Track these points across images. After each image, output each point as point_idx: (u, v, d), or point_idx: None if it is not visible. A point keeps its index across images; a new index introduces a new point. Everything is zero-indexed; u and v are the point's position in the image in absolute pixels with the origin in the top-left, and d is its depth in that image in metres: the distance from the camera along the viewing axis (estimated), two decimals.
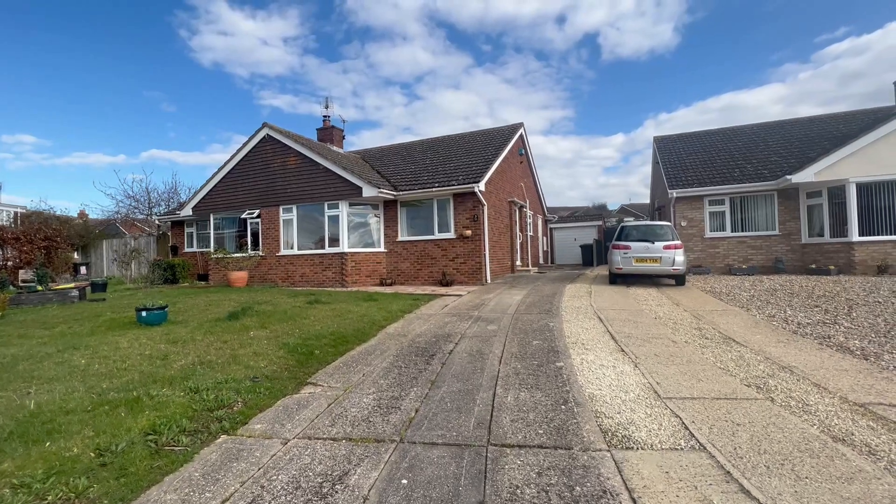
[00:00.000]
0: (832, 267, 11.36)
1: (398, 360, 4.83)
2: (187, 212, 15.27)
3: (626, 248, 10.30)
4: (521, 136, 16.70)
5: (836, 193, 11.74)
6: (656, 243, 10.07)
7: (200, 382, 4.00)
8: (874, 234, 11.14)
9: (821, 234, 12.20)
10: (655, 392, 3.62)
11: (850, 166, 11.30)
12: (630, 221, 11.37)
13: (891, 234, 10.99)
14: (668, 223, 10.67)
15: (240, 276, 12.92)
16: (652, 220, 19.81)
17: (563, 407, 3.39)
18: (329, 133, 16.54)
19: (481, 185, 11.80)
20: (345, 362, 4.85)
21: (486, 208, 12.29)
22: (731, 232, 13.44)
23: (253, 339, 5.75)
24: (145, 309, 6.83)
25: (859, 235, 11.17)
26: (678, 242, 10.02)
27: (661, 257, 9.95)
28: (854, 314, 6.11)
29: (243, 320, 6.93)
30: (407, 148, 17.43)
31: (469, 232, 11.96)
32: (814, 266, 11.88)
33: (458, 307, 8.18)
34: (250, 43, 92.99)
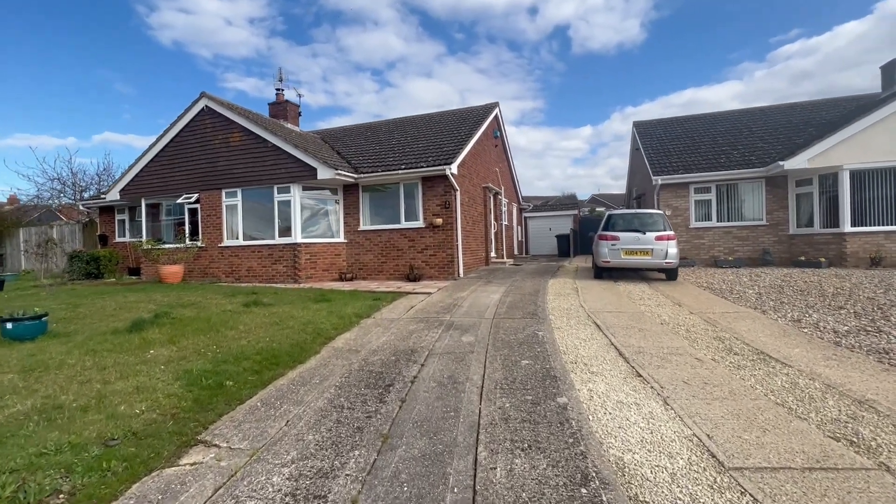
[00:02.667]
0: (823, 259, 10.76)
1: (341, 396, 3.50)
2: (114, 196, 13.19)
3: (614, 238, 9.26)
4: (496, 116, 15.41)
5: (828, 181, 11.12)
6: (647, 234, 9.07)
7: (8, 455, 2.54)
8: (866, 225, 10.58)
9: (809, 225, 11.60)
10: (713, 455, 2.45)
11: (843, 153, 10.65)
12: (616, 209, 10.36)
13: (884, 225, 10.45)
14: (660, 211, 9.71)
15: (173, 271, 11.14)
16: (628, 209, 19.06)
17: (583, 491, 2.16)
18: (283, 108, 14.72)
19: (453, 168, 10.47)
20: (266, 400, 3.47)
21: (458, 194, 10.98)
22: (717, 222, 12.71)
23: (147, 362, 4.27)
24: (12, 319, 5.17)
25: (852, 226, 10.59)
26: (671, 233, 9.06)
27: (652, 249, 8.97)
28: (894, 319, 5.21)
29: (149, 332, 5.39)
30: (372, 128, 15.84)
31: (440, 220, 10.64)
32: (803, 258, 11.27)
33: (426, 309, 6.88)
34: (214, 23, 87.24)
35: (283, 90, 14.89)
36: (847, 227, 10.58)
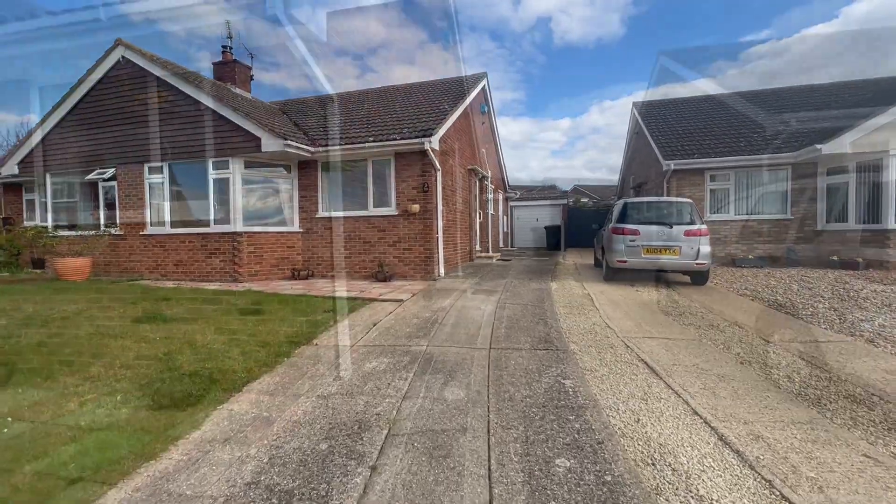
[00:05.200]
0: (860, 260, 9.27)
1: None
2: (11, 170, 10.60)
3: (634, 233, 7.45)
4: (483, 88, 13.38)
5: (868, 169, 9.60)
6: (675, 227, 7.31)
7: None
8: None
9: (842, 220, 10.10)
10: None
11: (892, 135, 9.11)
12: (631, 198, 8.58)
13: None
14: (687, 200, 7.95)
15: (75, 266, 8.77)
16: (644, 197, 17.41)
17: None
18: (230, 69, 12.26)
19: (434, 142, 8.44)
20: None
21: (440, 175, 8.98)
22: (735, 214, 11.11)
23: None
24: None
25: None
26: (703, 227, 7.33)
27: (680, 247, 7.22)
28: None
29: None
30: (339, 98, 13.55)
31: (416, 207, 8.62)
32: (835, 258, 9.76)
33: (394, 329, 4.91)
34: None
35: (230, 48, 12.41)
36: (892, 224, 9.08)
